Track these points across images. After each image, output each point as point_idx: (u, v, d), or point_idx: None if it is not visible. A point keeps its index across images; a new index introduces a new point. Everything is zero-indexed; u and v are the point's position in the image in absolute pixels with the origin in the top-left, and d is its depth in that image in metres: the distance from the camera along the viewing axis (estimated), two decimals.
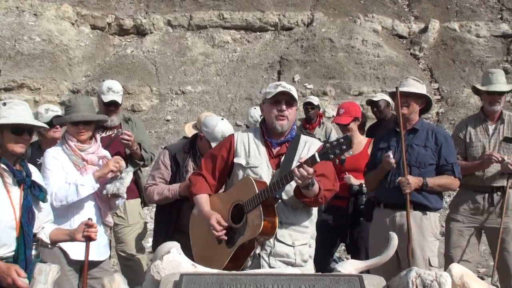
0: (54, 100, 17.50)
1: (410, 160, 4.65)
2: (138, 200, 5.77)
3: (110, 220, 4.54)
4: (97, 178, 4.19)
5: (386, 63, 19.22)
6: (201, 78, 19.61)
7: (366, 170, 5.07)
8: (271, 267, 3.54)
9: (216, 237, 3.66)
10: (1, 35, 18.77)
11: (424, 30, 21.08)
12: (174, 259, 2.85)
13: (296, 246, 3.65)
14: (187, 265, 2.86)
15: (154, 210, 5.20)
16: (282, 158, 3.71)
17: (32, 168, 3.65)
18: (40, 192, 3.51)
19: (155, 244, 4.72)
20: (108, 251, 4.52)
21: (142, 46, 20.51)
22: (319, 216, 4.09)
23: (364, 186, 5.36)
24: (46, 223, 3.67)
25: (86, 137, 4.31)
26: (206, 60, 20.30)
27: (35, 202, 3.51)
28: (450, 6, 21.58)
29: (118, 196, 4.28)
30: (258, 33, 21.11)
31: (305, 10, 21.13)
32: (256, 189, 3.52)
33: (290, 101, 3.71)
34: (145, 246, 6.00)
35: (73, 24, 20.48)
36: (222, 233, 3.64)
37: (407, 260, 4.56)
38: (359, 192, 5.45)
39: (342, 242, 5.94)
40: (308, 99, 7.86)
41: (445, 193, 5.63)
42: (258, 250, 3.61)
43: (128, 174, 4.31)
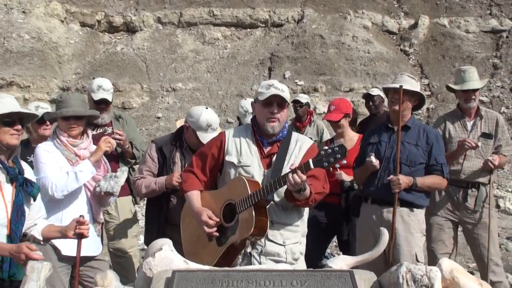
0: (44, 98, 17.43)
1: (401, 157, 4.64)
2: (130, 197, 5.77)
3: (101, 217, 4.55)
4: (93, 163, 4.22)
5: (377, 59, 19.29)
6: (191, 75, 19.60)
7: (354, 164, 5.08)
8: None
9: (207, 233, 3.66)
10: None
11: (414, 26, 21.18)
12: (166, 256, 2.86)
13: (287, 245, 3.66)
14: (179, 262, 2.87)
15: (145, 207, 5.21)
16: (274, 158, 3.72)
17: (24, 165, 3.64)
18: (32, 188, 3.50)
19: (148, 239, 4.72)
20: (100, 246, 4.52)
21: (132, 44, 20.46)
22: (310, 212, 4.10)
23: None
24: (39, 219, 3.65)
25: (77, 132, 4.31)
26: (196, 57, 20.29)
27: (26, 200, 3.51)
28: (440, 2, 21.69)
29: (111, 194, 4.28)
30: (249, 29, 21.12)
31: (295, 6, 21.16)
32: (248, 189, 3.53)
33: (282, 103, 3.71)
34: (137, 243, 6.00)
35: (62, 21, 20.39)
36: (214, 229, 3.65)
37: (389, 256, 4.57)
38: (351, 188, 5.46)
39: (339, 238, 5.95)
40: (296, 97, 7.73)
41: None
42: (249, 249, 3.62)
43: (123, 174, 4.31)
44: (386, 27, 21.29)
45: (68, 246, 3.99)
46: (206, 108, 4.73)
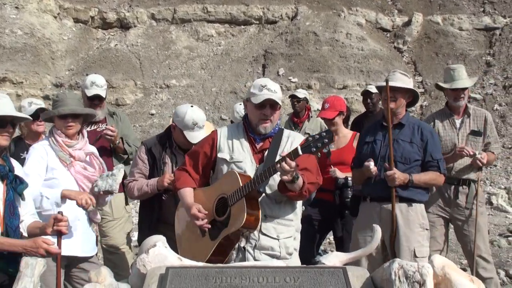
0: (37, 94, 17.36)
1: (396, 155, 4.64)
2: (123, 194, 5.77)
3: (98, 217, 4.53)
4: (62, 196, 4.07)
5: (370, 57, 19.32)
6: (185, 72, 19.57)
7: (352, 164, 5.09)
8: (256, 260, 3.57)
9: (199, 227, 3.68)
10: None
11: (407, 24, 21.22)
12: (160, 253, 2.87)
13: (281, 239, 3.68)
14: (173, 258, 2.88)
15: (139, 204, 5.20)
16: (266, 153, 3.74)
17: (14, 162, 3.64)
18: (20, 184, 3.50)
19: (141, 237, 4.73)
20: (95, 248, 4.52)
21: (126, 40, 20.40)
22: (305, 209, 4.11)
23: (349, 179, 5.39)
24: (26, 216, 3.64)
25: (74, 131, 4.28)
26: (190, 53, 20.25)
27: (16, 196, 3.51)
28: (433, 0, 21.73)
29: (110, 193, 4.26)
30: (243, 26, 21.10)
31: (289, 3, 21.15)
32: (240, 182, 3.56)
33: (275, 104, 3.74)
34: (130, 240, 6.00)
35: (55, 17, 20.29)
36: (204, 221, 3.66)
37: (391, 251, 4.64)
38: (345, 185, 5.48)
39: (334, 235, 5.97)
40: (294, 92, 7.81)
41: None
42: (243, 243, 3.64)
43: (119, 171, 4.30)
44: (380, 25, 21.32)
45: (62, 246, 3.99)
46: (192, 106, 4.70)
